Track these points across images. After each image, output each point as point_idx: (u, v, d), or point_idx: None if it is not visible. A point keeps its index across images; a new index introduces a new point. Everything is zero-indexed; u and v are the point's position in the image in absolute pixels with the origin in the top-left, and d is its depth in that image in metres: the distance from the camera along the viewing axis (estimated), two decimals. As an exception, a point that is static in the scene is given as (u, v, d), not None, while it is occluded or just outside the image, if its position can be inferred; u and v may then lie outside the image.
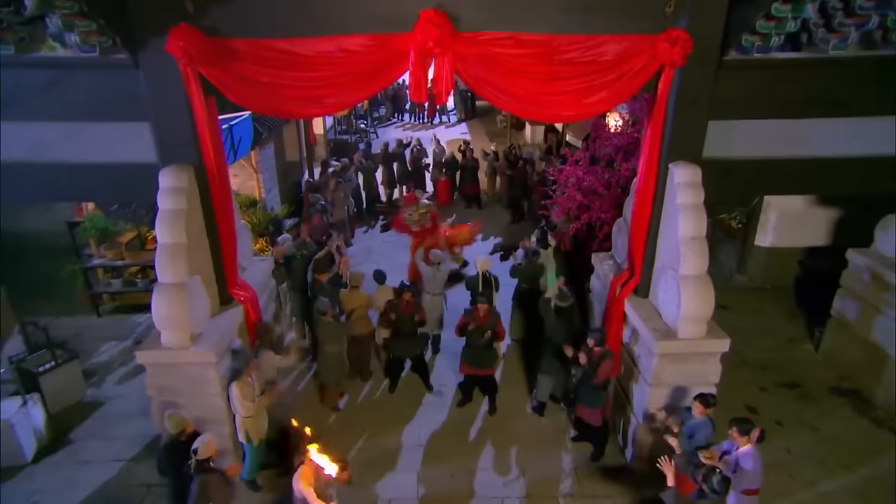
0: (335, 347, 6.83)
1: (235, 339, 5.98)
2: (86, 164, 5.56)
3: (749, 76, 5.45)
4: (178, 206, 5.34)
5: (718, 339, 5.53)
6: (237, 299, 6.16)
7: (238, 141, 10.39)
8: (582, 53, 5.22)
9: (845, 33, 5.17)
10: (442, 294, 7.84)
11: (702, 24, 5.10)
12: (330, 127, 19.02)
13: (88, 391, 7.40)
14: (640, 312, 5.95)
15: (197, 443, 4.64)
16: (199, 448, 4.60)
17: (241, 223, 6.78)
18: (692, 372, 5.60)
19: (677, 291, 5.40)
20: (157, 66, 5.13)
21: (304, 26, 5.09)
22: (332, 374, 6.93)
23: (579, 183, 8.60)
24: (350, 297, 7.13)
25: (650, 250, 6.07)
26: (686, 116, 5.51)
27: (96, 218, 8.93)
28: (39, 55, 5.16)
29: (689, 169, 5.53)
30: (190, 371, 5.42)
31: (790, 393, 7.38)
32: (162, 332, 5.35)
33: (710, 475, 4.28)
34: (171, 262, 5.25)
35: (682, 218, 5.45)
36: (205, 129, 5.40)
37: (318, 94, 5.35)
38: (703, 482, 4.31)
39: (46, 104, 5.29)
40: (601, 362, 5.75)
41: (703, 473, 4.34)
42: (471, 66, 5.25)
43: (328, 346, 6.79)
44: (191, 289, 5.35)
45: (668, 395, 5.69)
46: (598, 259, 7.31)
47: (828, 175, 5.91)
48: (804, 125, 5.70)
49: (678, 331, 5.48)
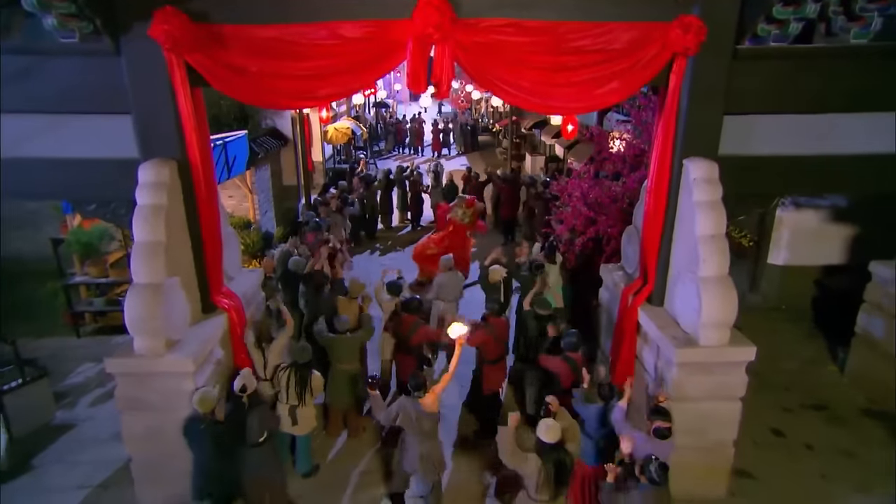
0: (350, 365, 6.28)
1: (217, 351, 5.50)
2: (61, 160, 5.21)
3: (766, 67, 5.18)
4: (158, 201, 4.96)
5: (743, 347, 5.07)
6: (221, 307, 5.70)
7: (233, 159, 10.14)
8: (590, 42, 4.96)
9: (868, 19, 4.91)
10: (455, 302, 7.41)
11: (715, 11, 4.86)
12: (329, 156, 18.89)
13: (59, 413, 6.85)
14: (656, 321, 5.50)
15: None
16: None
17: (230, 230, 6.39)
18: (716, 384, 5.11)
19: (697, 295, 4.97)
20: (139, 53, 4.86)
21: (295, 12, 4.83)
22: (344, 397, 6.28)
23: (584, 196, 8.27)
24: (350, 306, 6.65)
25: (664, 254, 5.67)
26: (700, 110, 5.20)
27: (81, 233, 8.58)
28: (12, 42, 4.88)
29: (704, 164, 5.19)
30: (164, 382, 4.92)
31: (818, 415, 6.83)
32: (135, 337, 4.88)
33: (647, 465, 4.00)
34: (147, 261, 4.84)
35: (699, 215, 5.07)
36: (190, 122, 5.08)
37: (309, 85, 5.06)
38: (640, 473, 4.03)
39: (19, 94, 4.98)
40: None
41: (640, 465, 4.07)
42: (473, 56, 4.98)
43: (342, 364, 6.23)
44: (168, 291, 4.91)
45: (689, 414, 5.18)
46: (606, 270, 6.90)
47: (852, 173, 5.55)
48: (826, 120, 5.38)
49: (699, 338, 5.03)
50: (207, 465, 4.82)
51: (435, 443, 5.04)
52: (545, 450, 4.46)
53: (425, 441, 4.90)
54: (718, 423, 5.23)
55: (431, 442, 4.97)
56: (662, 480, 3.95)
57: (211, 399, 4.80)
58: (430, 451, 4.94)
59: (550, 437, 4.42)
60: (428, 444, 4.92)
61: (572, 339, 5.67)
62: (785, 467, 5.95)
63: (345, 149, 19.97)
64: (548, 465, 4.46)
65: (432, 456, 4.96)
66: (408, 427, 4.86)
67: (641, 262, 5.92)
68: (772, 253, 9.21)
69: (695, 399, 5.14)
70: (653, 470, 3.95)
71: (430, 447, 4.95)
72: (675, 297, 5.49)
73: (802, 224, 8.89)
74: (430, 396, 4.84)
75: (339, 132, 17.31)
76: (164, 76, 4.89)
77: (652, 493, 3.97)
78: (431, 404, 4.82)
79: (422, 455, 4.89)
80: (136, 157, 5.17)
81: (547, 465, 4.46)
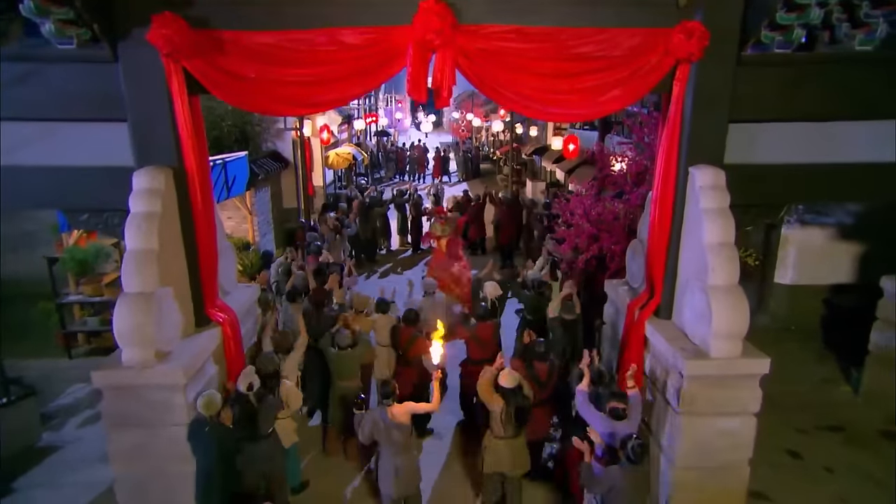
0: (350, 382, 6.07)
1: (210, 366, 5.30)
2: (54, 168, 5.10)
3: (771, 74, 5.10)
4: (152, 208, 4.84)
5: (757, 359, 4.87)
6: (215, 321, 5.52)
7: (232, 179, 10.11)
8: (592, 48, 4.91)
9: (873, 26, 4.87)
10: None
11: (718, 16, 4.81)
12: (330, 182, 18.93)
13: (45, 435, 6.61)
14: (664, 333, 5.30)
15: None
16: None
17: (226, 243, 6.25)
18: (729, 398, 4.88)
19: (707, 304, 4.80)
20: (137, 60, 4.79)
21: (295, 18, 4.80)
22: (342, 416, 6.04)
23: (587, 213, 8.17)
24: (356, 321, 6.46)
25: (671, 265, 5.51)
26: (704, 117, 5.11)
27: (76, 251, 8.46)
28: (8, 49, 4.83)
29: (711, 171, 5.08)
30: (153, 395, 4.71)
31: (835, 437, 6.58)
32: (123, 348, 4.69)
33: (626, 443, 4.23)
34: (138, 269, 4.68)
35: (707, 223, 4.93)
36: (186, 130, 4.98)
37: (309, 91, 4.99)
38: (620, 449, 4.27)
39: (13, 101, 4.90)
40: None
41: (620, 441, 4.32)
42: (474, 62, 4.93)
43: (342, 381, 6.05)
44: (160, 301, 4.75)
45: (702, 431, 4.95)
46: (611, 286, 6.73)
47: (860, 182, 5.43)
48: (833, 128, 5.29)
49: (710, 350, 4.83)
50: (212, 469, 4.68)
51: (408, 456, 4.96)
52: (506, 393, 5.11)
53: (398, 454, 4.87)
54: (732, 440, 4.98)
55: (404, 455, 4.90)
56: (639, 459, 4.15)
57: (216, 402, 4.70)
58: (403, 465, 4.91)
59: (508, 382, 5.12)
60: (400, 457, 4.87)
61: (539, 350, 5.61)
62: (803, 490, 5.68)
63: (346, 175, 20.02)
64: (509, 407, 5.08)
65: (405, 470, 4.91)
66: (379, 438, 4.88)
67: (647, 274, 5.76)
68: (778, 272, 9.05)
69: (707, 414, 4.92)
70: (630, 448, 4.14)
71: (403, 461, 4.90)
72: (683, 309, 5.31)
73: (809, 242, 8.76)
74: (401, 408, 4.84)
75: (341, 157, 17.40)
76: (162, 83, 4.83)
77: (629, 471, 4.19)
78: (401, 415, 4.82)
79: (396, 468, 4.85)
80: (130, 166, 5.06)
81: (509, 407, 5.08)
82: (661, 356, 5.32)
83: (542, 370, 5.62)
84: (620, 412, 4.65)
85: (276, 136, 12.94)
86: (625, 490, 4.20)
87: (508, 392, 5.10)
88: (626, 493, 4.22)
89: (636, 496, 4.31)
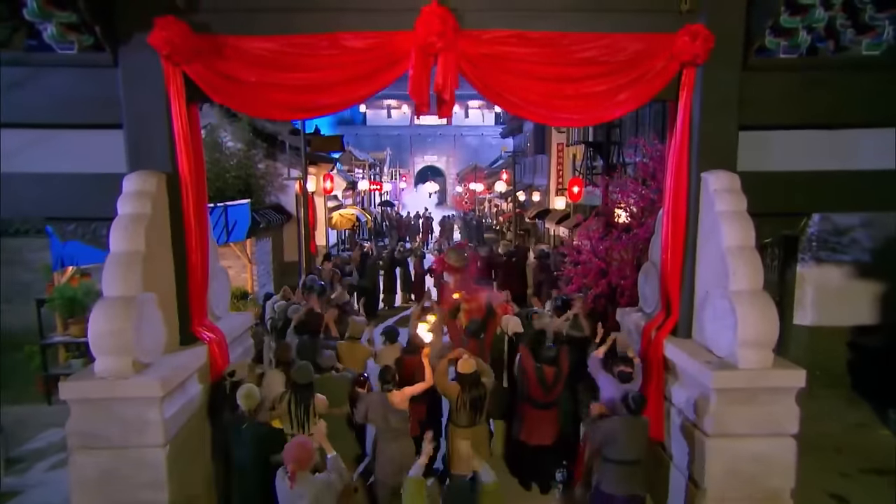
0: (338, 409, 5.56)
1: (194, 385, 4.88)
2: (42, 175, 4.96)
3: (780, 79, 5.04)
4: (141, 210, 4.62)
5: (791, 370, 4.44)
6: (202, 339, 5.14)
7: (233, 224, 10.01)
8: (596, 53, 4.88)
9: (878, 30, 4.84)
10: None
11: (721, 20, 4.80)
12: (333, 244, 18.87)
13: (8, 479, 6.04)
14: (685, 350, 4.90)
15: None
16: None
17: (220, 266, 5.99)
18: (762, 416, 4.41)
19: (730, 311, 4.43)
20: (137, 64, 4.77)
21: (297, 23, 4.82)
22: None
23: (595, 248, 7.93)
24: (350, 350, 6.04)
25: (687, 279, 5.20)
26: (714, 123, 5.00)
27: (66, 289, 8.17)
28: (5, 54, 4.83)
29: (725, 174, 4.89)
30: (126, 410, 4.26)
31: (882, 480, 5.93)
32: (98, 357, 4.30)
33: (627, 396, 4.51)
34: (121, 272, 4.40)
35: (724, 226, 4.67)
36: (183, 136, 4.87)
37: (310, 96, 4.94)
38: (622, 402, 4.55)
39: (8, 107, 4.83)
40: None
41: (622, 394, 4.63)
42: (479, 69, 4.89)
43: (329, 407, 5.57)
44: (142, 306, 4.41)
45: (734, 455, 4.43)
46: (623, 314, 6.36)
47: (877, 190, 5.22)
48: (849, 136, 5.16)
49: (738, 360, 4.41)
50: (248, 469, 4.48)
51: (406, 442, 4.84)
52: (462, 379, 5.09)
53: (395, 440, 4.80)
54: (770, 466, 4.45)
55: (400, 441, 4.76)
56: (638, 410, 4.43)
57: (255, 395, 4.57)
58: (400, 451, 4.80)
59: (463, 368, 5.07)
60: (396, 444, 4.80)
61: (550, 354, 5.46)
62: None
63: (350, 237, 20.00)
64: (464, 395, 5.07)
65: (402, 457, 4.69)
66: (376, 423, 4.82)
67: (662, 293, 5.42)
68: (797, 313, 8.62)
69: (739, 435, 4.43)
70: (631, 398, 4.44)
71: (399, 447, 4.81)
72: (704, 323, 4.93)
73: (827, 280, 8.39)
74: (399, 395, 4.83)
75: (344, 218, 17.43)
76: (160, 88, 4.77)
77: (629, 422, 4.44)
78: (400, 402, 4.81)
79: (392, 454, 4.77)
80: (122, 173, 4.92)
81: (464, 394, 5.07)
82: (683, 374, 4.89)
83: (550, 373, 5.40)
84: (627, 375, 4.91)
85: (279, 189, 13.00)
86: (623, 440, 4.38)
87: (465, 378, 5.10)
88: (625, 443, 4.38)
89: (634, 446, 4.42)
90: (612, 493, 4.41)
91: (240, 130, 12.18)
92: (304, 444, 3.88)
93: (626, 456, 4.38)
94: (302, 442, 3.91)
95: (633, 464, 4.40)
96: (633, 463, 4.40)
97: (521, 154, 25.53)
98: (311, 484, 3.76)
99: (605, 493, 4.45)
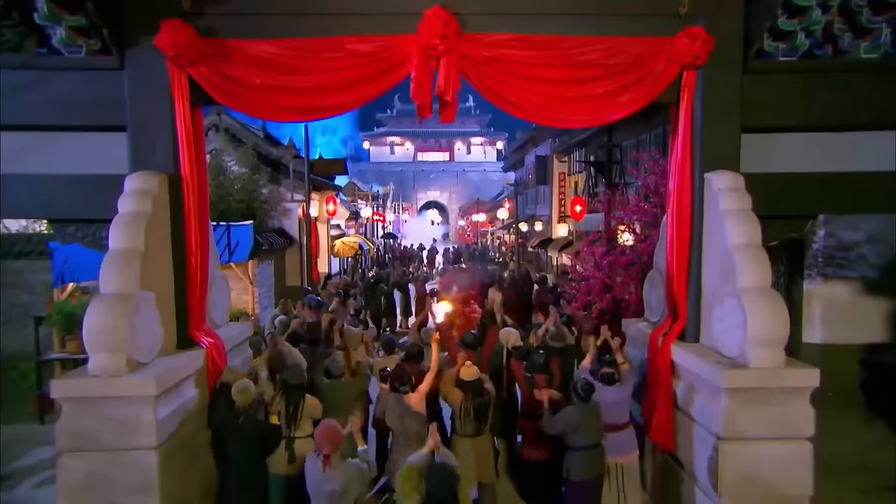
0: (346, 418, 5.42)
1: (189, 388, 4.75)
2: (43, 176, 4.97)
3: (781, 82, 5.06)
4: (141, 208, 4.59)
5: (804, 370, 4.30)
6: (200, 344, 5.04)
7: (235, 244, 10.02)
8: (596, 56, 4.93)
9: (876, 33, 4.89)
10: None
11: (720, 23, 4.85)
12: (335, 273, 18.81)
13: (-3, 495, 5.85)
14: (693, 352, 4.77)
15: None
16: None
17: (220, 273, 5.92)
18: (776, 418, 4.25)
19: (739, 309, 4.33)
20: (143, 67, 4.83)
21: (302, 27, 4.89)
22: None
23: (598, 263, 7.86)
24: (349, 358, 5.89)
25: (694, 283, 5.11)
26: (716, 126, 5.00)
27: (65, 305, 8.10)
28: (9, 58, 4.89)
29: (728, 174, 4.86)
30: (118, 410, 4.13)
31: (903, 497, 5.70)
32: (92, 354, 4.20)
33: (576, 385, 4.75)
34: (119, 268, 4.33)
35: (729, 224, 4.61)
36: (186, 138, 4.89)
37: (314, 98, 4.99)
38: (572, 391, 4.78)
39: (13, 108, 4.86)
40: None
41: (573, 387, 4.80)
42: (482, 72, 4.94)
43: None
44: (139, 304, 4.33)
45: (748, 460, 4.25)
46: (629, 324, 6.23)
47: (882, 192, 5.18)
48: (852, 138, 5.15)
49: (749, 359, 4.27)
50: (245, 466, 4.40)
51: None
52: (465, 386, 5.03)
53: (411, 445, 4.49)
54: (787, 472, 4.26)
55: (418, 447, 4.30)
56: (588, 396, 4.67)
57: (249, 391, 4.50)
58: None
59: (466, 375, 5.03)
60: (413, 448, 4.30)
61: (539, 361, 5.27)
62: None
63: (352, 267, 19.96)
64: (468, 402, 5.02)
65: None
66: (393, 425, 4.77)
67: (668, 299, 5.33)
68: (806, 331, 8.47)
69: (752, 439, 4.26)
70: (580, 387, 4.69)
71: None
72: (712, 324, 4.81)
73: (835, 297, 8.28)
74: (416, 396, 4.73)
75: (347, 245, 17.43)
76: (165, 90, 4.81)
77: (582, 409, 4.68)
78: (417, 403, 4.71)
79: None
80: (124, 175, 4.91)
81: (467, 401, 5.02)
82: (693, 377, 4.75)
83: (541, 381, 5.20)
84: (608, 376, 5.01)
85: (282, 214, 13.05)
86: (583, 427, 4.64)
87: (467, 385, 5.03)
88: (582, 427, 4.64)
89: (593, 430, 4.70)
90: (583, 479, 4.73)
91: (244, 155, 12.31)
92: (334, 427, 3.89)
93: (588, 441, 4.69)
94: (332, 425, 3.89)
95: (595, 447, 4.75)
96: (595, 447, 4.75)
97: (522, 186, 25.75)
98: (344, 469, 3.74)
99: (576, 482, 4.75)
